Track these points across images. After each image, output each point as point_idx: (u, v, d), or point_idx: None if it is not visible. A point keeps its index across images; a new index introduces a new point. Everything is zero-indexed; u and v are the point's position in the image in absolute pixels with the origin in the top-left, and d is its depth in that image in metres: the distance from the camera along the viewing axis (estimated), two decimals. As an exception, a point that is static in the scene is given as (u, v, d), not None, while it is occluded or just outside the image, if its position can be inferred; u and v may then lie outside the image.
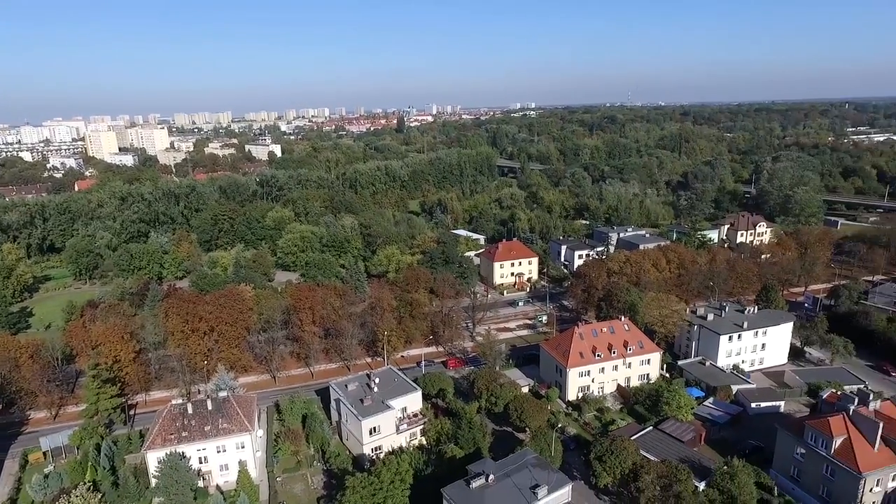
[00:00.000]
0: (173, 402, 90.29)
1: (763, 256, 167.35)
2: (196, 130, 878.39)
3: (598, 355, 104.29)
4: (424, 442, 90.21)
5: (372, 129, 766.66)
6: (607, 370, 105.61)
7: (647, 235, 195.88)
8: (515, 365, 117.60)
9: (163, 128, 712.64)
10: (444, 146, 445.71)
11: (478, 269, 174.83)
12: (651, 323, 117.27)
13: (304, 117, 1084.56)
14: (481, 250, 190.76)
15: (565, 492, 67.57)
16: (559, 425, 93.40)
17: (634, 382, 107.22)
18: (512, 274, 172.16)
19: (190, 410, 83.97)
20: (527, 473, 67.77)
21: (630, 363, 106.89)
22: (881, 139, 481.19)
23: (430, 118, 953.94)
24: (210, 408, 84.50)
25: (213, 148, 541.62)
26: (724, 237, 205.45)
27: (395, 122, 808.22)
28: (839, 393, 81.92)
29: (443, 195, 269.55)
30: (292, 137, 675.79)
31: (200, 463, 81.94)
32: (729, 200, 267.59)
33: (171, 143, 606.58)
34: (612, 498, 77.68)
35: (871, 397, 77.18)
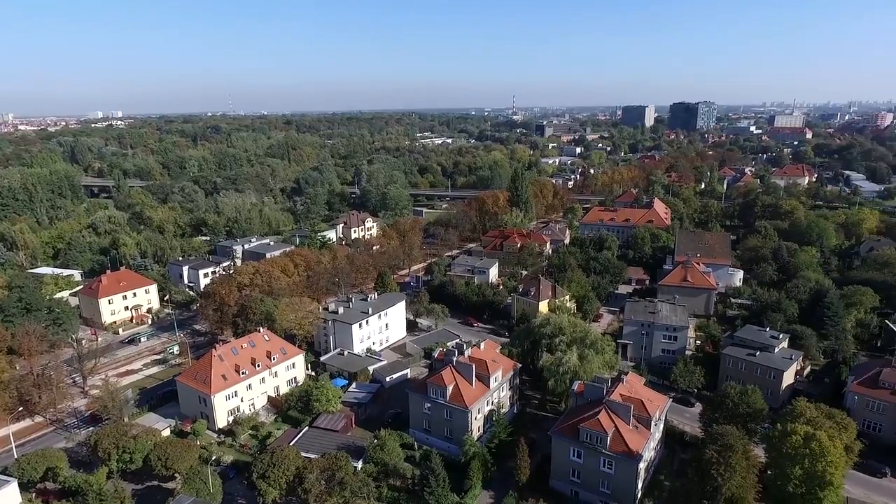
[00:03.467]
0: None
1: (374, 248, 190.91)
2: None
3: (243, 373, 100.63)
4: (36, 544, 70.25)
5: None
6: (255, 385, 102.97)
7: (272, 243, 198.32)
8: (150, 409, 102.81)
9: None
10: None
11: (78, 311, 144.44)
12: (289, 328, 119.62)
13: None
14: (79, 288, 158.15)
15: (232, 526, 63.32)
16: (213, 458, 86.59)
17: (284, 389, 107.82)
18: (126, 308, 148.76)
19: None
20: (185, 525, 60.52)
21: (276, 372, 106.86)
22: (439, 142, 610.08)
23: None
24: None
25: None
26: (341, 235, 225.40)
27: None
28: (444, 350, 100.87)
29: (6, 228, 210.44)
30: None
31: None
32: (339, 201, 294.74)
33: None
34: (282, 510, 76.90)
35: (465, 347, 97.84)
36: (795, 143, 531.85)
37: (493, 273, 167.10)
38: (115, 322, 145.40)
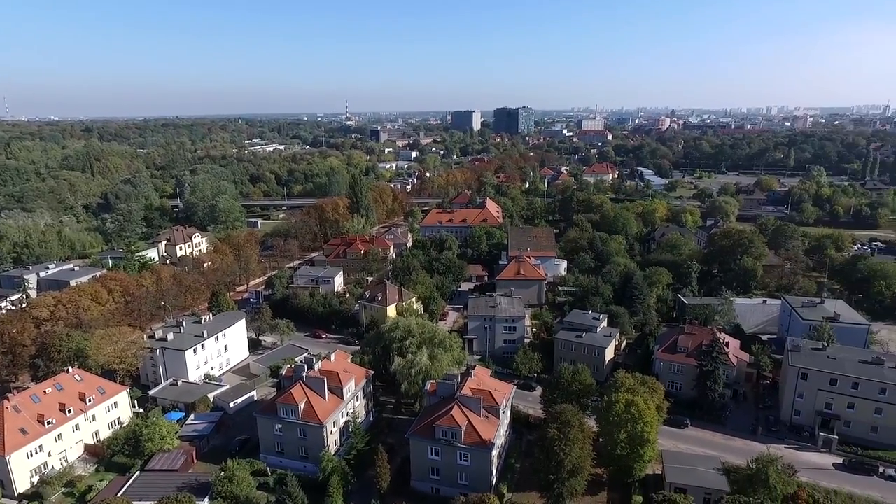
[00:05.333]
0: None
1: (206, 265, 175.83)
2: None
3: (49, 422, 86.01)
4: None
5: None
6: (67, 434, 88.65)
7: (78, 269, 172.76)
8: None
9: None
10: None
11: None
12: (107, 363, 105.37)
13: None
14: None
15: None
16: (16, 531, 72.81)
17: (106, 433, 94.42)
18: None
19: None
20: None
21: (94, 415, 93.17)
22: (271, 149, 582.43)
23: None
24: None
25: None
26: (165, 254, 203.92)
27: None
28: (293, 366, 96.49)
29: None
30: None
31: None
32: (160, 216, 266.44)
33: None
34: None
35: (315, 360, 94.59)
36: (600, 143, 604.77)
37: (339, 281, 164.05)
38: None
